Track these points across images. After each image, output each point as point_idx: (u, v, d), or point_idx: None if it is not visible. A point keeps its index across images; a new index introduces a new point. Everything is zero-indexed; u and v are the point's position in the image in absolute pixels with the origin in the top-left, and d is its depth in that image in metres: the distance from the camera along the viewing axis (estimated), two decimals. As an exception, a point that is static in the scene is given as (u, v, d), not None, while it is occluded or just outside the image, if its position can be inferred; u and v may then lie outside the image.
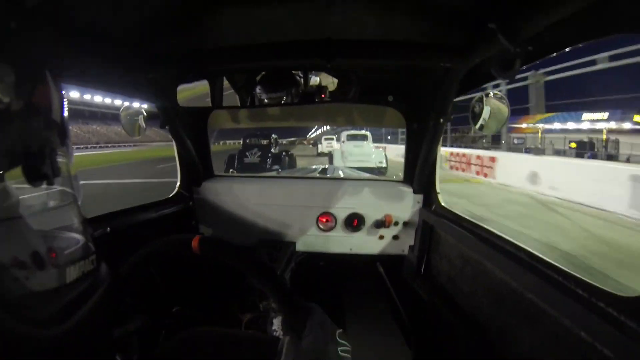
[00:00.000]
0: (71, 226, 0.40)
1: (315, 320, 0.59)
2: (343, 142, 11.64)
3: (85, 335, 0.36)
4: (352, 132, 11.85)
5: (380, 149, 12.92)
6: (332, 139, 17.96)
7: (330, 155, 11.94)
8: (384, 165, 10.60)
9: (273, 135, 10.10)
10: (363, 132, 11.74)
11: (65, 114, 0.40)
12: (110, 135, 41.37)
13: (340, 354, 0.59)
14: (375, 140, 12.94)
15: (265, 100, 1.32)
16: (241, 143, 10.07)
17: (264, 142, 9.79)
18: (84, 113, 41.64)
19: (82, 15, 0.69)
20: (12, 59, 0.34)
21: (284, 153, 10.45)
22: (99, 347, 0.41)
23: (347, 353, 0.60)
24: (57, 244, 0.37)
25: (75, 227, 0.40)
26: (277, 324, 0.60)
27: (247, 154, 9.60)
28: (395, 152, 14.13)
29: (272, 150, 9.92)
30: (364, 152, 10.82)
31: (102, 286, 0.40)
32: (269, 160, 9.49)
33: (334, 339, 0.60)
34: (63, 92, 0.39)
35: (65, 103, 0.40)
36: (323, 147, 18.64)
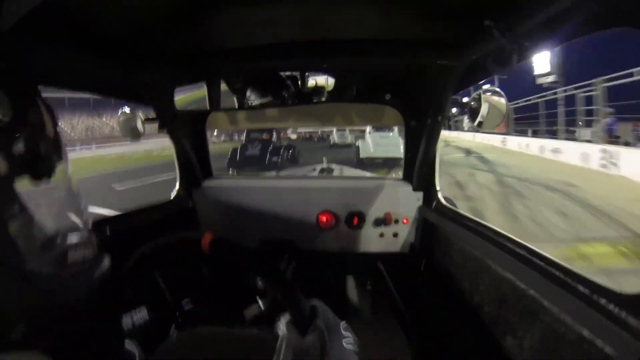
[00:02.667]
0: (72, 216, 0.45)
1: (319, 315, 0.60)
2: (369, 132, 11.89)
3: (95, 315, 0.41)
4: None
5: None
6: (345, 130, 18.50)
7: (356, 147, 12.19)
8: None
9: (273, 131, 11.08)
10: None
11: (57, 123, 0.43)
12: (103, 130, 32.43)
13: (345, 346, 0.59)
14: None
15: (263, 102, 1.32)
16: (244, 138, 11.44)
17: (265, 136, 11.05)
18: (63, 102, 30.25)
19: (78, 17, 0.68)
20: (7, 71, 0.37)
21: (284, 146, 11.53)
22: (108, 332, 0.44)
23: (351, 345, 0.61)
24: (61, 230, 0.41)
25: (76, 218, 0.44)
26: (282, 322, 0.61)
27: (248, 147, 10.81)
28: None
29: (273, 143, 11.14)
30: (390, 142, 11.03)
31: (105, 273, 0.44)
32: (268, 153, 10.70)
33: (339, 332, 0.61)
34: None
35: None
36: (335, 138, 19.39)
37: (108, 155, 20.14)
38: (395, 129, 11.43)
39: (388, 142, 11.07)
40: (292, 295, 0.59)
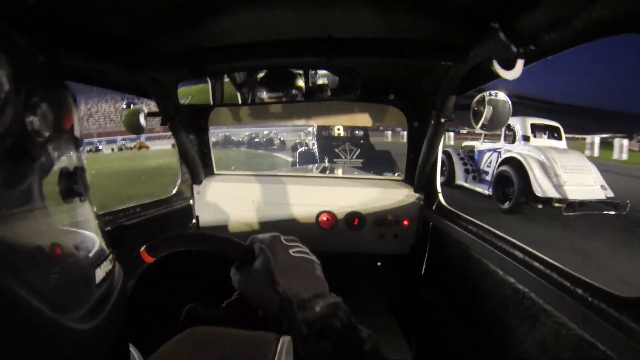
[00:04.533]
0: (89, 226, 0.42)
1: (258, 241, 0.61)
2: (520, 140, 7.32)
3: (110, 327, 0.39)
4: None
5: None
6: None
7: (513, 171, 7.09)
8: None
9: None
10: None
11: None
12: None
13: (292, 253, 0.61)
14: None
15: (267, 99, 1.32)
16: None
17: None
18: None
19: (82, 13, 0.68)
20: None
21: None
22: (116, 340, 0.43)
23: (301, 253, 0.64)
24: (79, 242, 0.39)
25: (92, 227, 0.42)
26: (232, 271, 0.62)
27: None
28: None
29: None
30: (584, 167, 6.28)
31: (120, 283, 0.43)
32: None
33: (280, 245, 0.62)
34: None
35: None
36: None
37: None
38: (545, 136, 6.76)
39: (582, 166, 5.73)
40: (223, 242, 0.58)
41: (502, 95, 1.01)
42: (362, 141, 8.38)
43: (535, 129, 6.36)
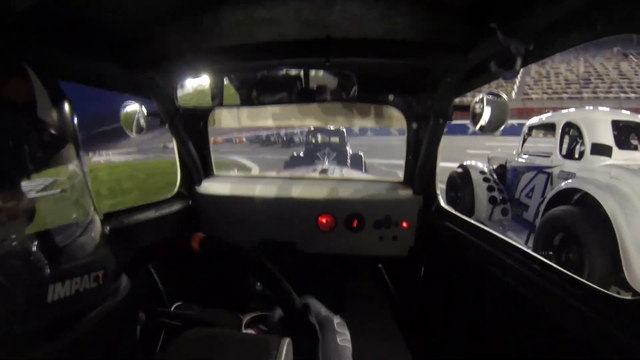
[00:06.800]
0: (93, 234, 0.42)
1: (312, 312, 0.60)
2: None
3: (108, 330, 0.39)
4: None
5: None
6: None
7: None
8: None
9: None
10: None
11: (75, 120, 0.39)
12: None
13: (339, 343, 0.59)
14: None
15: (266, 100, 1.32)
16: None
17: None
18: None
19: (81, 13, 0.69)
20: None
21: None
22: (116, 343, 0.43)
23: (346, 342, 0.60)
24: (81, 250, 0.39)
25: (96, 236, 0.42)
26: (276, 316, 0.61)
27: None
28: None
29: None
30: None
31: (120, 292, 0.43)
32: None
33: (332, 329, 0.60)
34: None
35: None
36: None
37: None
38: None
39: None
40: (282, 291, 0.58)
41: (501, 97, 1.01)
42: (340, 146, 8.93)
43: (621, 131, 3.16)
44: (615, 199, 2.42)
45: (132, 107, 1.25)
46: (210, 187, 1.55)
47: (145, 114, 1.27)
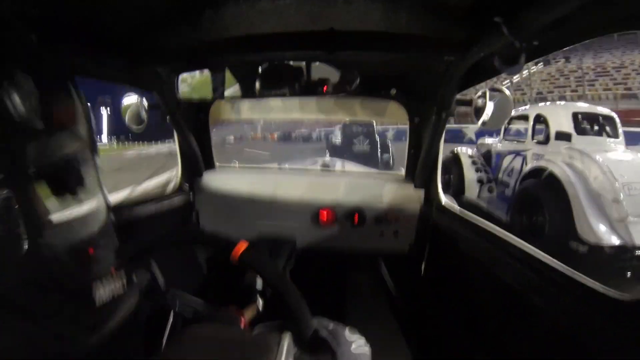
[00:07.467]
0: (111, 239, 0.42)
1: (322, 328, 0.60)
2: None
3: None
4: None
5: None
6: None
7: None
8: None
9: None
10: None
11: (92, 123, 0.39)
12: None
13: (353, 351, 0.60)
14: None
15: (268, 92, 1.31)
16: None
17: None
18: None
19: (82, 6, 0.68)
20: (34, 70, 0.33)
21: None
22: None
23: (361, 347, 0.61)
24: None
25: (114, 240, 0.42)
26: (286, 337, 0.62)
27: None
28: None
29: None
30: None
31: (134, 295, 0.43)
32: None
33: (345, 341, 0.61)
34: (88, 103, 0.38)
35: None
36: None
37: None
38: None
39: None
40: (300, 311, 0.57)
41: (503, 92, 1.00)
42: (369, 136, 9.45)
43: (580, 120, 3.96)
44: (570, 173, 3.31)
45: (133, 100, 1.25)
46: (211, 179, 1.55)
47: (146, 106, 1.27)
